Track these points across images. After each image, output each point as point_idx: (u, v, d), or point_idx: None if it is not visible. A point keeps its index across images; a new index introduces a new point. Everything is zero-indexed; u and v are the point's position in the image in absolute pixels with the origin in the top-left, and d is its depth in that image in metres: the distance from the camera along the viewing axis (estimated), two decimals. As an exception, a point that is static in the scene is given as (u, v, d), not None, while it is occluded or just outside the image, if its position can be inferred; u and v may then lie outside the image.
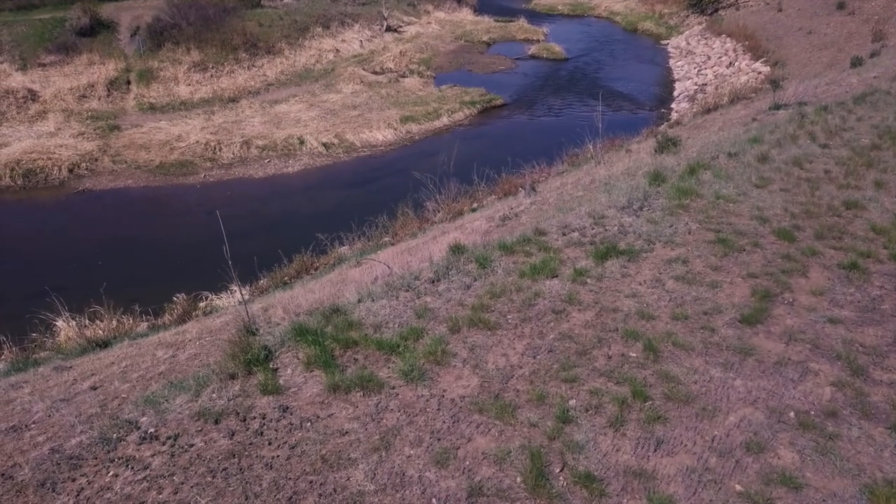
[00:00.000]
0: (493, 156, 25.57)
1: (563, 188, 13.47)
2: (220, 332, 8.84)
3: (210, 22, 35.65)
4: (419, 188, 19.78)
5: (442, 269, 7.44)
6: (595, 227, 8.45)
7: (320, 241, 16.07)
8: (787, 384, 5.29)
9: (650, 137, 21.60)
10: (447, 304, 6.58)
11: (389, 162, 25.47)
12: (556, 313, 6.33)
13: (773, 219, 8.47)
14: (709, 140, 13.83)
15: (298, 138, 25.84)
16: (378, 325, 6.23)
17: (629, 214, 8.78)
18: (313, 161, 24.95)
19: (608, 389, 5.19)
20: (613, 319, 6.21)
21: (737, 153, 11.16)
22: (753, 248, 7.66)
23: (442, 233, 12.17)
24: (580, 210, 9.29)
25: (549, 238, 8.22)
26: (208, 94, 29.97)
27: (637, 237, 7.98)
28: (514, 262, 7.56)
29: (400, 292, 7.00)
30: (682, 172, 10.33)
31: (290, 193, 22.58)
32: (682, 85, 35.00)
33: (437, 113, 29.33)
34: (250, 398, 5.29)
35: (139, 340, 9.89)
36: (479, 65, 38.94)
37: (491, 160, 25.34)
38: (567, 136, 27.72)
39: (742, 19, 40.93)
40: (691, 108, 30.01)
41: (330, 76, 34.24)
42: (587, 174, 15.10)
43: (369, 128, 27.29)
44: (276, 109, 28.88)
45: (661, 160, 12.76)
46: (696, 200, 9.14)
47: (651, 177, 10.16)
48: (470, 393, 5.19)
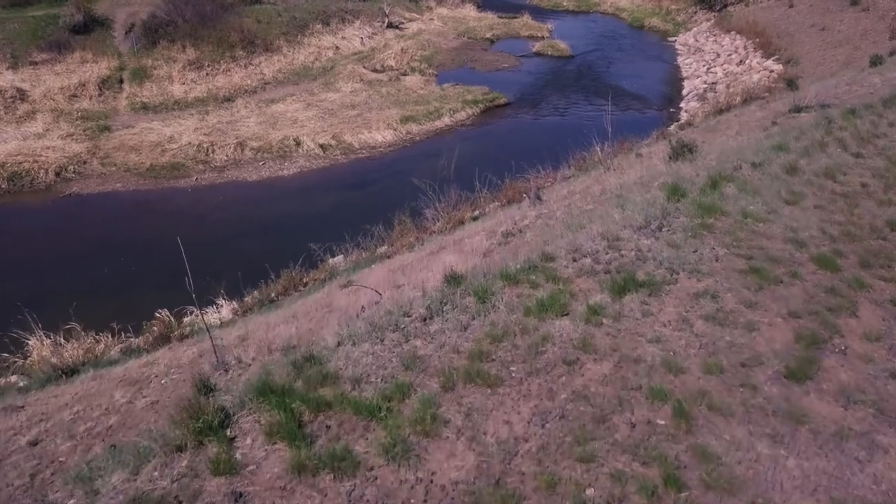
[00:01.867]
0: (496, 158, 24.58)
1: (570, 198, 12.49)
2: (190, 366, 7.91)
3: (207, 19, 34.66)
4: (418, 193, 18.84)
5: (436, 303, 6.49)
6: (609, 250, 7.48)
7: (313, 251, 15.17)
8: (852, 465, 4.32)
9: (661, 140, 20.59)
10: (440, 351, 5.62)
11: (388, 164, 24.49)
12: (567, 364, 5.37)
13: (810, 242, 7.49)
14: (727, 146, 12.83)
15: (295, 140, 24.87)
16: (358, 378, 5.27)
17: (647, 236, 7.80)
18: (310, 163, 23.99)
19: (633, 472, 4.23)
20: (635, 373, 5.24)
21: (762, 163, 10.16)
22: (792, 279, 6.68)
23: (440, 248, 11.21)
24: (592, 229, 8.32)
25: (557, 265, 7.25)
26: (203, 94, 29.01)
27: (658, 265, 7.00)
28: (517, 295, 6.60)
29: (386, 332, 6.05)
30: (703, 186, 9.34)
31: (284, 198, 21.63)
32: (691, 83, 33.90)
33: (439, 113, 28.33)
34: (199, 479, 4.34)
35: (105, 371, 8.96)
36: (482, 62, 37.89)
37: (494, 162, 24.34)
38: (573, 136, 26.70)
39: (752, 15, 39.75)
40: (702, 107, 28.95)
41: (329, 74, 33.24)
42: (596, 181, 14.11)
43: (368, 128, 26.31)
44: (273, 109, 27.91)
45: (677, 169, 11.76)
46: (721, 219, 8.16)
47: (669, 190, 9.17)
48: (464, 477, 4.24)
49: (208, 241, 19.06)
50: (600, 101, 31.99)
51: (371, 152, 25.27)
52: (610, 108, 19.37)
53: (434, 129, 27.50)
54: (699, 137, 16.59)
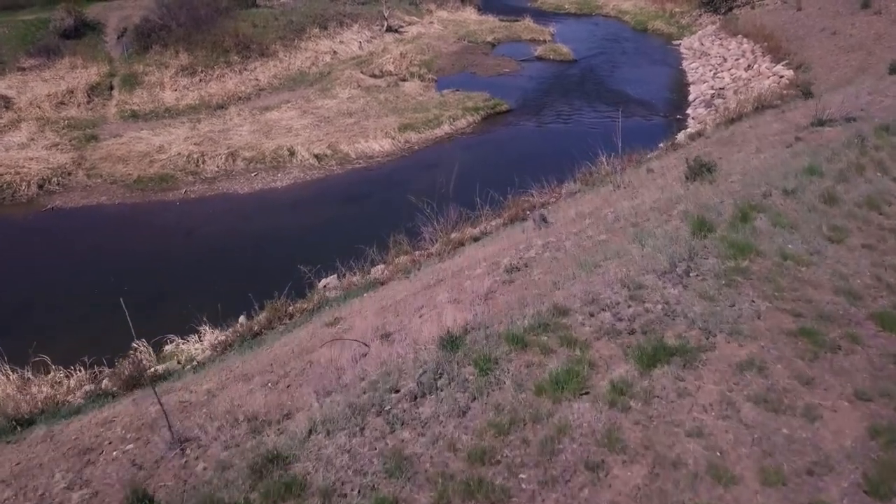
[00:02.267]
0: (498, 168, 23.53)
1: (580, 222, 11.41)
2: (149, 430, 6.86)
3: (201, 23, 33.62)
4: (416, 207, 17.78)
5: (429, 373, 5.42)
6: (632, 302, 6.40)
7: (303, 274, 14.12)
8: None
9: (671, 152, 19.50)
10: (433, 448, 4.55)
11: (386, 175, 23.42)
12: (590, 469, 4.30)
13: (865, 293, 6.41)
14: (750, 165, 11.74)
15: (289, 149, 23.80)
16: (329, 490, 4.21)
17: (674, 282, 6.72)
18: (304, 174, 22.92)
19: None
20: (675, 483, 4.17)
21: (794, 190, 9.07)
22: (851, 343, 5.60)
23: (437, 280, 10.13)
24: (609, 272, 7.25)
25: (572, 320, 6.17)
26: (195, 101, 27.95)
27: (690, 324, 5.92)
28: (526, 363, 5.53)
29: (368, 416, 4.98)
30: (732, 218, 8.26)
31: (277, 211, 20.56)
32: (698, 88, 32.80)
33: (438, 120, 27.26)
34: None
35: (60, 428, 7.91)
36: (483, 67, 36.82)
37: (495, 173, 23.28)
38: (577, 145, 25.62)
39: (759, 19, 38.64)
40: (710, 114, 27.87)
41: (326, 80, 32.17)
42: (606, 202, 13.03)
43: (365, 137, 25.24)
44: (267, 117, 26.84)
45: (696, 191, 10.69)
46: (757, 261, 7.08)
47: (694, 224, 8.09)
48: None
49: (195, 258, 18.02)
50: (604, 107, 30.96)
51: (368, 162, 24.20)
52: (619, 120, 18.28)
53: (433, 137, 26.43)
54: (714, 152, 15.50)
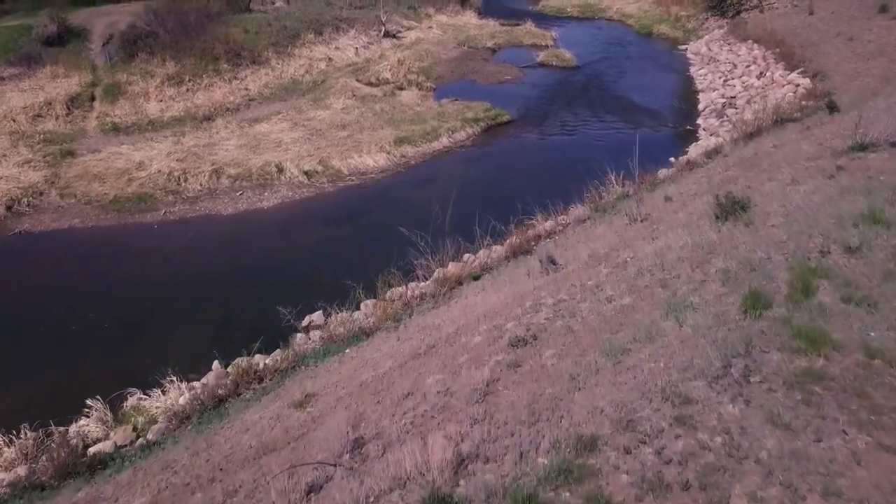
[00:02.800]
0: (499, 186, 21.85)
1: (594, 270, 9.75)
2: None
3: (190, 29, 31.98)
4: (412, 230, 16.17)
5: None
6: (680, 428, 4.75)
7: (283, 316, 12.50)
8: None
9: (687, 173, 17.81)
10: None
11: (380, 192, 21.76)
12: None
13: None
14: (790, 203, 10.05)
15: (277, 166, 22.15)
16: None
17: (731, 395, 5.07)
18: (293, 193, 21.26)
19: None
20: None
21: (859, 247, 7.41)
22: None
23: (428, 347, 8.46)
24: (642, 369, 5.61)
25: (601, 461, 4.53)
26: (181, 112, 26.29)
27: (766, 474, 4.26)
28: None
29: None
30: (790, 289, 6.60)
31: (261, 235, 18.91)
32: (708, 97, 31.09)
33: (436, 132, 25.59)
34: None
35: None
36: (483, 74, 35.14)
37: (496, 192, 21.60)
38: (584, 160, 23.95)
39: (769, 23, 36.92)
40: (722, 124, 26.20)
41: (319, 89, 30.50)
42: (622, 240, 11.36)
43: (359, 151, 23.58)
44: (256, 130, 25.19)
45: (733, 238, 9.02)
46: (835, 359, 5.42)
47: (745, 298, 6.43)
48: None
49: (171, 289, 16.36)
50: (610, 116, 29.31)
51: (361, 179, 22.54)
52: (636, 147, 16.62)
53: (431, 151, 24.76)
54: (740, 177, 13.81)
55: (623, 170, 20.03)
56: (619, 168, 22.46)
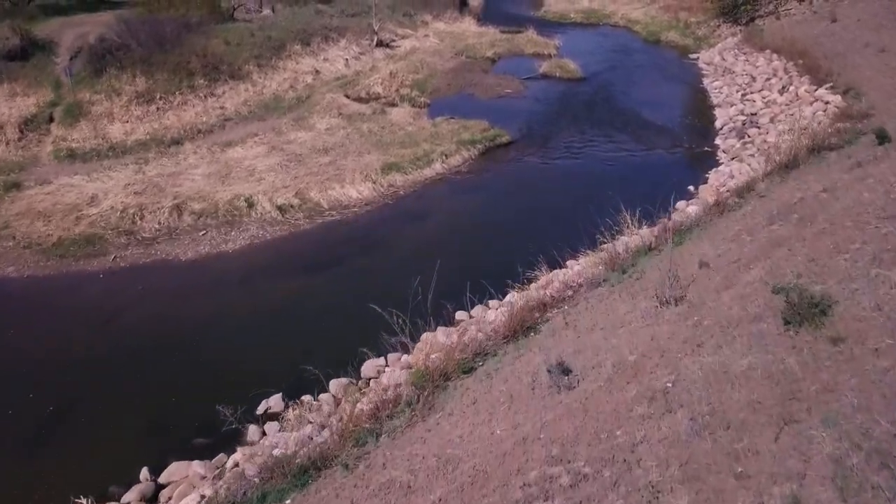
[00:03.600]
0: (496, 223, 19.03)
1: (622, 398, 7.00)
2: None
3: (165, 42, 29.25)
4: (397, 282, 13.51)
5: None
6: None
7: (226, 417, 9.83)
8: None
9: (717, 218, 14.97)
10: None
11: (363, 230, 19.01)
12: None
13: None
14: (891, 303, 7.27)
15: (247, 199, 19.41)
16: None
17: None
18: (263, 232, 18.52)
19: None
20: None
21: None
22: None
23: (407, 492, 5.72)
24: None
25: None
26: (147, 135, 23.58)
27: None
28: None
29: None
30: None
31: (222, 288, 16.18)
32: (725, 113, 28.27)
33: (429, 157, 22.83)
34: None
35: None
36: (482, 87, 32.36)
37: (493, 231, 18.83)
38: (592, 189, 21.20)
39: (787, 31, 34.06)
40: (744, 146, 23.40)
41: (303, 106, 27.76)
42: (656, 343, 8.55)
43: (341, 181, 20.84)
44: (228, 155, 22.46)
45: (820, 368, 6.25)
46: None
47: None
48: None
49: (100, 368, 13.50)
50: (619, 136, 26.51)
51: (343, 213, 19.78)
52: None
53: (422, 179, 21.99)
54: (793, 238, 11.00)
55: (638, 205, 17.38)
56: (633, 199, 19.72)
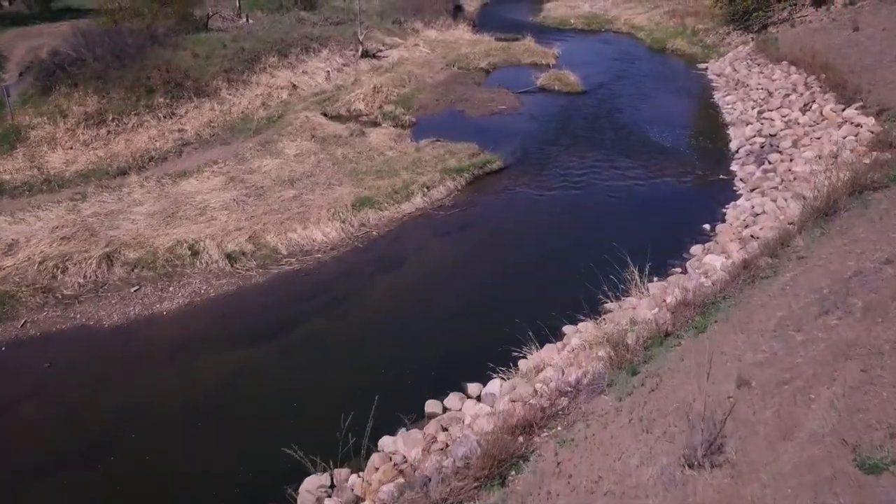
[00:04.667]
0: (477, 278, 15.93)
1: None
2: None
3: (125, 55, 26.35)
4: (362, 367, 10.70)
5: None
6: None
7: None
8: None
9: (747, 287, 11.98)
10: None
11: (326, 281, 16.08)
12: None
13: None
14: None
15: (191, 246, 16.48)
16: None
17: None
18: (207, 287, 15.60)
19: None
20: None
21: None
22: None
23: None
24: None
25: None
26: (91, 164, 20.69)
27: None
28: None
29: None
30: None
31: (149, 365, 13.24)
32: (740, 133, 25.27)
33: (408, 190, 19.88)
34: None
35: None
36: (473, 103, 29.39)
37: (472, 288, 15.78)
38: (592, 230, 18.25)
39: (805, 40, 30.98)
40: (766, 175, 20.37)
41: (274, 127, 24.84)
42: None
43: (305, 220, 17.91)
44: (180, 188, 19.54)
45: None
46: None
47: None
48: None
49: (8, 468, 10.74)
50: (624, 160, 23.52)
51: (303, 261, 16.84)
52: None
53: (399, 216, 19.05)
54: (862, 339, 8.05)
55: (646, 249, 14.51)
56: (640, 240, 16.85)
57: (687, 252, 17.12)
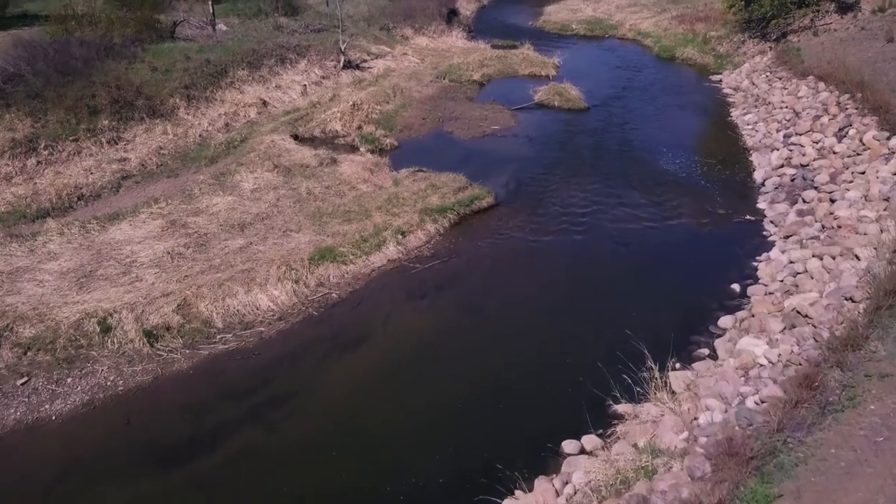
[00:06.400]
0: (455, 362, 12.30)
1: None
2: None
3: (71, 70, 22.89)
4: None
5: None
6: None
7: None
8: None
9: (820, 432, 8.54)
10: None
11: (267, 370, 12.62)
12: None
13: None
14: None
15: (102, 320, 13.04)
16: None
17: None
18: (116, 377, 12.18)
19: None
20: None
21: None
22: None
23: None
24: None
25: None
26: (5, 205, 17.22)
27: None
28: None
29: None
30: None
31: (15, 501, 9.84)
32: (765, 160, 21.74)
33: (380, 237, 16.41)
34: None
35: None
36: (463, 122, 25.86)
37: (449, 378, 12.15)
38: (595, 294, 14.76)
39: (831, 52, 27.32)
40: (804, 219, 16.84)
41: (234, 154, 21.35)
42: None
43: (251, 280, 14.45)
44: (108, 237, 16.09)
45: None
46: None
47: None
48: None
49: None
50: (633, 195, 19.98)
51: (242, 337, 13.38)
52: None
53: (367, 271, 15.58)
54: None
55: (661, 322, 11.20)
56: (654, 308, 13.52)
57: (714, 324, 13.67)
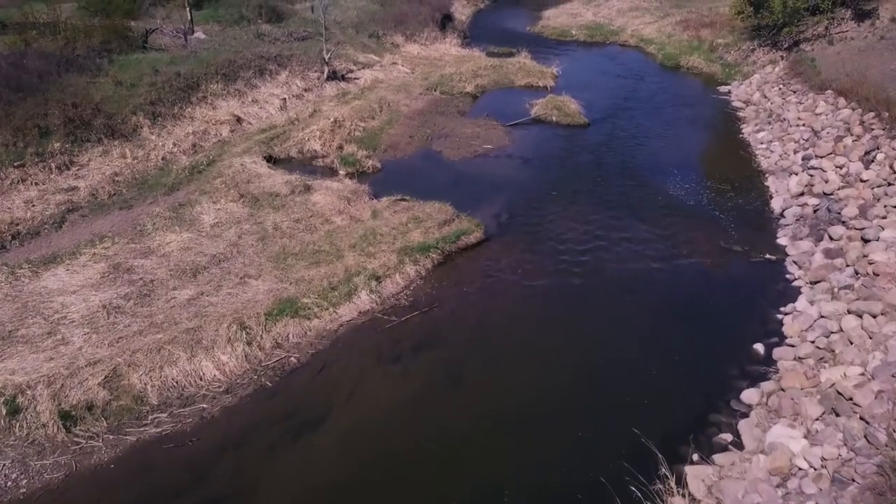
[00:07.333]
0: (432, 458, 10.19)
1: None
2: None
3: (25, 85, 20.66)
4: None
5: None
6: None
7: None
8: None
9: None
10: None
11: (204, 463, 10.40)
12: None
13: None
14: None
15: (11, 399, 10.83)
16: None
17: None
18: (19, 474, 9.98)
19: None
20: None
21: None
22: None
23: None
24: None
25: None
26: (-72, 247, 15.07)
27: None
28: None
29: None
30: None
31: None
32: (783, 187, 19.50)
33: (351, 283, 14.18)
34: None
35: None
36: (454, 140, 23.59)
37: (421, 473, 9.93)
38: (595, 361, 12.47)
39: (850, 63, 25.04)
40: (833, 259, 14.60)
41: (198, 181, 19.11)
42: None
43: (195, 344, 12.24)
44: (38, 285, 13.86)
45: None
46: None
47: None
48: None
49: None
50: (639, 227, 17.73)
51: (179, 416, 11.16)
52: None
53: (333, 327, 13.34)
54: None
55: (685, 419, 8.97)
56: (664, 377, 11.37)
57: (736, 398, 11.49)
